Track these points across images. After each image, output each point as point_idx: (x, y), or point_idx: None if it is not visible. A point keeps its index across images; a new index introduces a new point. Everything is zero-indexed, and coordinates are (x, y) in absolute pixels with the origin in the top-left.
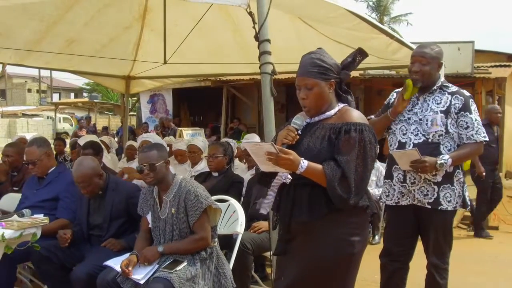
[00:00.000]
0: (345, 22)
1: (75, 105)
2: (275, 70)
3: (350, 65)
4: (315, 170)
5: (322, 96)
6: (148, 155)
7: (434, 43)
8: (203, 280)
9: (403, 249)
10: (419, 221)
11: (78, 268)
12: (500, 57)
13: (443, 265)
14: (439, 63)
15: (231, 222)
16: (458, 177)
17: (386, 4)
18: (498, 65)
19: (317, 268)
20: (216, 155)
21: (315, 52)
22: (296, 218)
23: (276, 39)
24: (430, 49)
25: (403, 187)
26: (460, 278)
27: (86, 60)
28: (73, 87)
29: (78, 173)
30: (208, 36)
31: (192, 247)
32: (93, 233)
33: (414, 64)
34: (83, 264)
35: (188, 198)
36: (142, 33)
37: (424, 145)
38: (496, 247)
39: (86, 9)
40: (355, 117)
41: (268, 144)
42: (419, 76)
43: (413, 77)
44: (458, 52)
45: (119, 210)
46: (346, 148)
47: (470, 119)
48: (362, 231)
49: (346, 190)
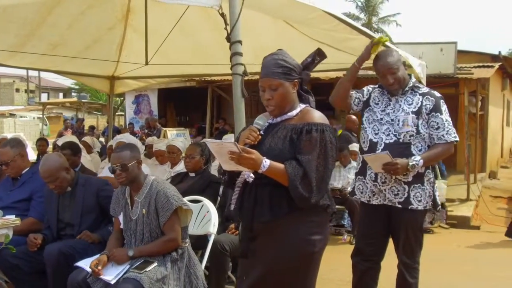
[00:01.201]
0: (324, 23)
1: (63, 105)
2: (246, 71)
3: (310, 65)
4: (277, 169)
5: (287, 96)
6: (121, 155)
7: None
8: (173, 280)
9: (375, 249)
10: (390, 220)
11: (51, 246)
12: (484, 57)
13: (414, 264)
14: (404, 63)
15: (204, 223)
16: (429, 177)
17: (375, 5)
18: (481, 66)
19: (278, 266)
20: (193, 156)
21: (276, 53)
22: (258, 217)
23: (259, 40)
24: (392, 56)
25: (374, 186)
26: (437, 278)
27: (70, 60)
28: (62, 87)
29: (44, 168)
30: (191, 37)
31: (163, 249)
32: (65, 233)
33: (386, 77)
34: (56, 243)
35: (158, 198)
36: (125, 33)
37: (395, 145)
38: (477, 246)
39: (69, 11)
40: (316, 117)
41: (231, 144)
42: (396, 86)
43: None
44: (441, 53)
45: (90, 205)
46: (307, 148)
47: (441, 119)
48: (322, 230)
49: (308, 189)
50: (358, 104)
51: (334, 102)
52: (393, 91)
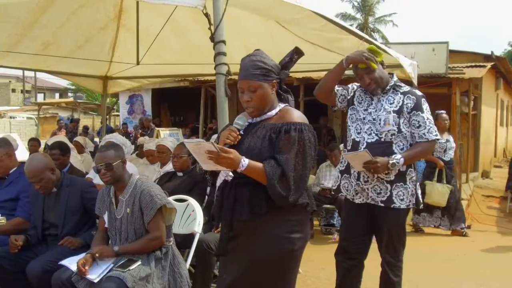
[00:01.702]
0: (312, 23)
1: (58, 105)
2: (230, 71)
3: (288, 64)
4: (256, 168)
5: (266, 97)
6: (105, 155)
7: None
8: (157, 279)
9: (358, 247)
10: (373, 219)
11: (33, 263)
12: (477, 57)
13: (397, 262)
14: (382, 63)
15: (189, 222)
16: (411, 176)
17: (371, 5)
18: (473, 66)
19: (258, 265)
20: (180, 155)
21: (255, 54)
22: (237, 216)
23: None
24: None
25: (357, 184)
26: (423, 276)
27: (62, 60)
28: (58, 87)
29: (29, 168)
30: (183, 37)
31: (147, 247)
32: (49, 233)
33: (363, 78)
34: (38, 259)
35: (142, 197)
36: (118, 33)
37: (377, 144)
38: (465, 245)
39: (61, 11)
40: (296, 117)
41: (209, 143)
42: (375, 85)
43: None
44: (433, 53)
45: (74, 206)
46: (285, 147)
47: (422, 118)
48: (302, 228)
49: (286, 188)
50: (343, 101)
51: (318, 96)
52: (371, 91)
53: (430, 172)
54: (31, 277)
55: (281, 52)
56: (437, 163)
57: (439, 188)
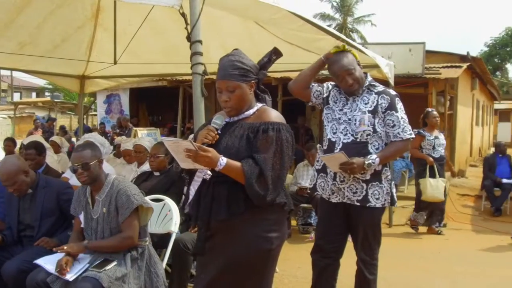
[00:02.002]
0: (290, 23)
1: (35, 104)
2: (207, 71)
3: (267, 64)
4: (234, 167)
5: (244, 97)
6: (82, 155)
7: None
8: (133, 279)
9: (334, 246)
10: (349, 218)
11: (9, 263)
12: (453, 58)
13: (372, 261)
14: (358, 63)
15: (166, 221)
16: (386, 175)
17: (350, 5)
18: (449, 66)
19: (235, 264)
20: (157, 155)
21: (233, 54)
22: (215, 215)
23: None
24: (346, 58)
25: (333, 184)
26: (398, 274)
27: (39, 59)
28: (35, 86)
29: (2, 171)
30: (161, 36)
31: (118, 245)
32: (25, 234)
33: (345, 79)
34: (14, 259)
35: (119, 197)
36: (95, 32)
37: (353, 144)
38: (441, 244)
39: (38, 11)
40: (273, 116)
41: (187, 142)
42: (357, 85)
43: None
44: (410, 53)
45: (50, 208)
46: (263, 147)
47: (396, 117)
48: (280, 228)
49: (264, 187)
50: (318, 97)
51: (293, 89)
52: (354, 91)
53: (422, 169)
54: (7, 277)
55: (259, 52)
56: (426, 159)
57: (433, 183)
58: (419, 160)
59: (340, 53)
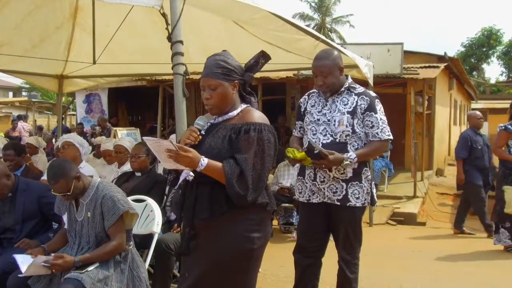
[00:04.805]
0: (270, 24)
1: (12, 104)
2: (188, 71)
3: (254, 67)
4: (215, 167)
5: (226, 96)
6: (57, 188)
7: (330, 49)
8: (116, 282)
9: (316, 245)
10: (329, 217)
11: None
12: (431, 58)
13: (353, 260)
14: (340, 68)
15: (148, 222)
16: (366, 175)
17: (328, 5)
18: (427, 66)
19: (219, 263)
20: (138, 155)
21: (219, 54)
22: (198, 215)
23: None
24: (327, 59)
25: (313, 185)
26: (380, 272)
27: (17, 59)
28: (11, 85)
29: None
30: (141, 36)
31: (109, 256)
32: (5, 237)
33: (318, 78)
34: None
35: (104, 202)
36: (73, 32)
37: (332, 145)
38: (422, 242)
39: (16, 12)
40: (256, 117)
41: (168, 142)
42: (324, 88)
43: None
44: (388, 54)
45: (31, 211)
46: (244, 147)
47: (375, 118)
48: (262, 228)
49: (244, 187)
50: (301, 129)
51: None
52: (322, 91)
53: (508, 173)
54: None
55: (239, 52)
56: None
57: None
58: (503, 162)
59: (327, 52)
